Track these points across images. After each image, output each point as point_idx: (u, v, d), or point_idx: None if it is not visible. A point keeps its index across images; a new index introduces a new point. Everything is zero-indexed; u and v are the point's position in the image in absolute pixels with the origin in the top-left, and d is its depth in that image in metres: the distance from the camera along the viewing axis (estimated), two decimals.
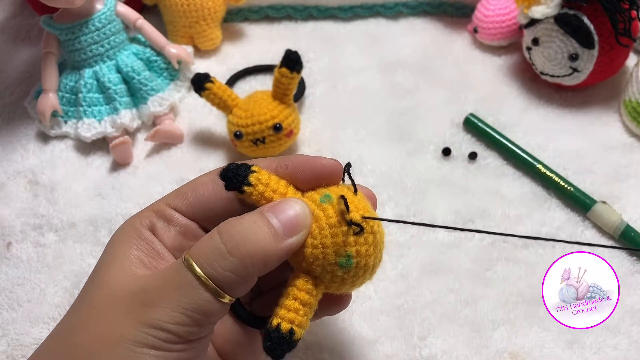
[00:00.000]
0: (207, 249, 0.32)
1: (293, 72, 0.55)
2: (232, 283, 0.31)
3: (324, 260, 0.33)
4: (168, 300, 0.31)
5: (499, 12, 0.65)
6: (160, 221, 0.36)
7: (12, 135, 0.64)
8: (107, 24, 0.60)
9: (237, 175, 0.34)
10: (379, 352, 0.47)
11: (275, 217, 0.33)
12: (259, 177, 0.34)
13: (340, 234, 0.32)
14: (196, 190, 0.36)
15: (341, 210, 0.33)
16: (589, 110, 0.62)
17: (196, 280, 0.31)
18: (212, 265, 0.31)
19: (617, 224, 0.51)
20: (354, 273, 0.33)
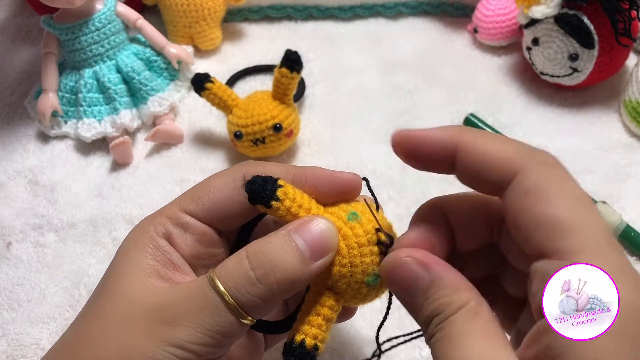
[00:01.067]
0: (236, 274, 0.31)
1: (293, 72, 0.55)
2: (258, 307, 0.31)
3: (351, 278, 0.33)
4: (192, 320, 0.31)
5: (499, 12, 0.65)
6: (176, 228, 0.35)
7: (12, 135, 0.64)
8: (107, 24, 0.60)
9: (265, 189, 0.33)
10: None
11: (302, 239, 0.32)
12: (286, 191, 0.33)
13: (369, 254, 0.32)
14: (212, 194, 0.35)
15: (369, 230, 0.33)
16: (589, 110, 0.62)
17: (222, 303, 0.31)
18: (240, 290, 0.31)
19: (617, 224, 0.51)
20: (376, 291, 0.34)
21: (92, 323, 0.33)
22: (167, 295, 0.32)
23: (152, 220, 0.35)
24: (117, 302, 0.32)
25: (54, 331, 0.50)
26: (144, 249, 0.34)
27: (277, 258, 0.31)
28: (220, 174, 0.36)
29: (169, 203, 0.37)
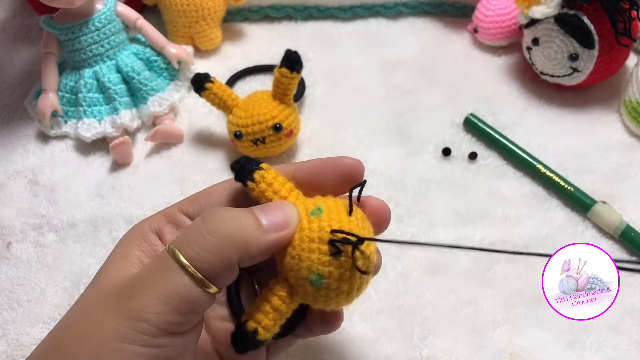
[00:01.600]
0: (188, 231, 0.32)
1: (293, 72, 0.55)
2: (213, 267, 0.31)
3: (297, 272, 0.32)
4: (148, 288, 0.30)
5: (499, 12, 0.65)
6: (169, 226, 0.35)
7: (12, 135, 0.64)
8: (107, 24, 0.60)
9: (244, 169, 0.34)
10: (379, 352, 0.47)
11: (263, 214, 0.32)
12: (264, 175, 0.34)
13: (316, 251, 0.32)
14: (209, 196, 0.36)
15: (324, 228, 0.32)
16: (589, 110, 0.62)
17: (176, 264, 0.30)
18: (190, 245, 0.31)
19: (617, 224, 0.51)
20: (325, 293, 0.32)
21: (71, 312, 0.33)
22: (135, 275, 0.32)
23: (149, 218, 0.36)
24: (95, 290, 0.33)
25: None
26: (132, 242, 0.35)
27: (232, 217, 0.32)
28: (223, 181, 0.37)
29: (172, 204, 0.37)
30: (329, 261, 0.31)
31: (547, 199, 0.55)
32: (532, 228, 0.53)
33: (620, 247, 0.51)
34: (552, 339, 0.47)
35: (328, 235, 0.31)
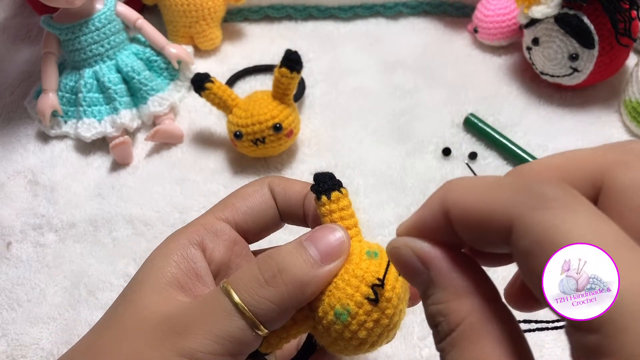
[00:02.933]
0: (245, 277, 0.31)
1: (293, 72, 0.55)
2: (269, 312, 0.31)
3: (327, 298, 0.32)
4: (202, 328, 0.30)
5: (499, 12, 0.65)
6: (209, 235, 0.34)
7: (12, 135, 0.64)
8: (107, 23, 0.60)
9: (327, 182, 0.34)
10: (379, 352, 0.47)
11: (313, 245, 0.31)
12: (341, 198, 0.34)
13: (355, 288, 0.31)
14: (245, 199, 0.36)
15: (373, 273, 0.31)
16: (589, 110, 0.62)
17: (233, 307, 0.30)
18: (249, 292, 0.30)
19: None
20: (340, 331, 0.31)
21: (106, 332, 0.32)
22: (183, 307, 0.32)
23: (185, 229, 0.35)
24: (132, 311, 0.32)
25: (54, 331, 0.50)
26: (170, 257, 0.33)
27: (285, 261, 0.31)
28: (251, 184, 0.37)
29: (204, 213, 0.36)
30: (362, 303, 0.31)
31: None
32: None
33: None
34: (552, 339, 0.47)
35: (373, 279, 0.31)
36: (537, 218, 0.21)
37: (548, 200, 0.21)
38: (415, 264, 0.25)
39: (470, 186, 0.24)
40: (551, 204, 0.21)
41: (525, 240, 0.21)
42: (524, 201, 0.22)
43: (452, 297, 0.24)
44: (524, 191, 0.22)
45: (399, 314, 0.32)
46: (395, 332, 0.33)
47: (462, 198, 0.24)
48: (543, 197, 0.22)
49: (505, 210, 0.22)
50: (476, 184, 0.24)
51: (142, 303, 0.32)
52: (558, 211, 0.21)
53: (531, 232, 0.21)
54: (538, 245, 0.21)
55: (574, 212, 0.21)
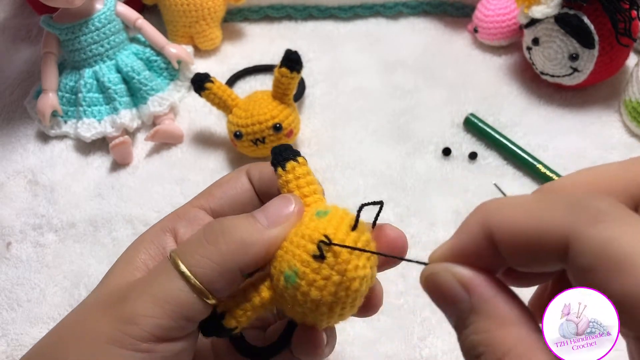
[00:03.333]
0: (190, 240, 0.32)
1: (293, 72, 0.55)
2: (210, 272, 0.30)
3: (278, 264, 0.31)
4: (144, 292, 0.30)
5: (499, 12, 0.65)
6: (182, 222, 0.35)
7: (12, 135, 0.64)
8: (107, 23, 0.60)
9: (281, 155, 0.34)
10: (379, 352, 0.47)
11: (261, 213, 0.32)
12: (296, 167, 0.33)
13: (302, 248, 0.30)
14: (221, 186, 0.36)
15: (320, 230, 0.30)
16: (589, 110, 0.62)
17: (174, 271, 0.30)
18: (191, 253, 0.30)
19: None
20: (293, 294, 0.30)
21: (69, 314, 0.33)
22: (134, 280, 0.32)
23: (161, 220, 0.36)
24: (95, 293, 0.33)
25: None
26: (141, 244, 0.34)
27: (230, 224, 0.31)
28: (228, 173, 0.38)
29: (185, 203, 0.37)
30: (308, 261, 0.30)
31: None
32: None
33: None
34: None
35: (319, 236, 0.30)
36: (595, 234, 0.21)
37: (602, 214, 0.21)
38: (457, 289, 0.24)
39: (514, 206, 0.24)
40: (605, 217, 0.21)
41: (585, 257, 0.21)
42: (579, 217, 0.22)
43: (496, 326, 0.23)
44: (576, 207, 0.22)
45: (354, 270, 0.30)
46: (358, 296, 0.31)
47: (509, 219, 0.23)
48: (597, 212, 0.21)
49: (560, 228, 0.22)
50: (519, 204, 0.24)
51: (106, 285, 0.33)
52: (614, 225, 0.21)
53: (590, 248, 0.21)
54: (599, 261, 0.21)
55: (629, 225, 0.21)
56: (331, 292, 0.30)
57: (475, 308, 0.24)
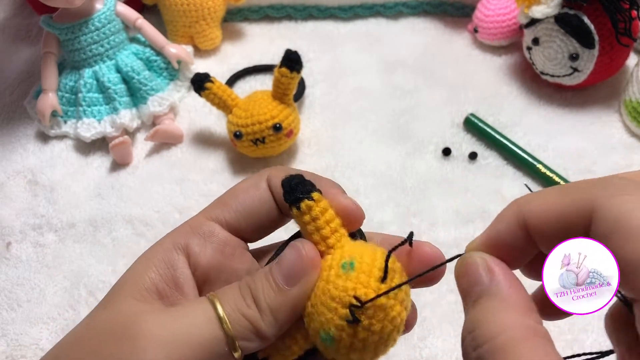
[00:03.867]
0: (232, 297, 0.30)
1: (293, 72, 0.55)
2: (245, 332, 0.30)
3: (311, 322, 0.30)
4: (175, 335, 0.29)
5: (499, 12, 0.65)
6: (196, 238, 0.33)
7: (12, 135, 0.64)
8: (107, 23, 0.60)
9: (293, 193, 0.31)
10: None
11: (278, 268, 0.30)
12: (312, 206, 0.31)
13: (334, 311, 0.29)
14: (237, 197, 0.34)
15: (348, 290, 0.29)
16: (589, 110, 0.62)
17: (215, 317, 0.29)
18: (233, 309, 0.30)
19: None
20: (338, 352, 0.30)
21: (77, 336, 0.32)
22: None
23: (173, 232, 0.34)
24: (105, 315, 0.31)
25: (54, 331, 0.50)
26: (151, 261, 0.32)
27: (257, 289, 0.30)
28: (246, 179, 0.35)
29: (197, 214, 0.35)
30: (343, 326, 0.29)
31: None
32: None
33: None
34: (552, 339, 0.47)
35: (350, 299, 0.28)
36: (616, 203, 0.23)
37: (624, 188, 0.23)
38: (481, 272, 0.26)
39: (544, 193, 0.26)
40: (626, 191, 0.23)
41: (605, 224, 0.23)
42: (604, 189, 0.24)
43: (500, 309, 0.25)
44: (601, 182, 0.24)
45: (390, 324, 0.29)
46: (395, 335, 0.30)
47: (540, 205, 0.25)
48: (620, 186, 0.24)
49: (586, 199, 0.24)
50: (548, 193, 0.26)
51: (116, 305, 0.31)
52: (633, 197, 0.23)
53: (611, 216, 0.23)
54: (616, 228, 0.23)
55: None
56: (372, 349, 0.30)
57: (489, 290, 0.25)
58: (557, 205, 0.25)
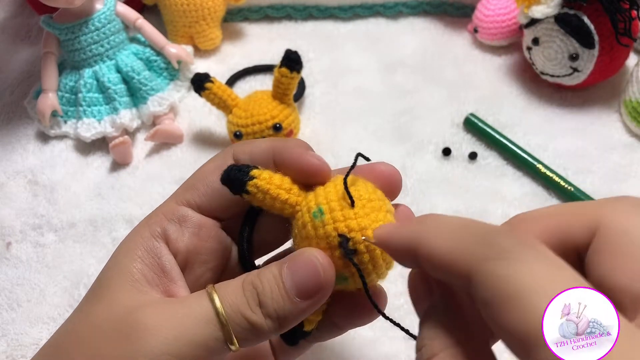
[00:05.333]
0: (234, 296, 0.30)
1: (293, 72, 0.55)
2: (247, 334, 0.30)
3: None
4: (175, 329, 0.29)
5: (499, 12, 0.65)
6: (172, 224, 0.33)
7: (12, 135, 0.64)
8: (107, 23, 0.60)
9: (235, 183, 0.32)
10: (379, 352, 0.47)
11: (290, 276, 0.30)
12: (258, 184, 0.32)
13: (333, 258, 0.31)
14: (206, 178, 0.34)
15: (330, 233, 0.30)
16: (589, 110, 0.62)
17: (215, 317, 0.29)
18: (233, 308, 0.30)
19: None
20: (355, 284, 0.32)
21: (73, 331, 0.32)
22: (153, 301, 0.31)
23: (147, 221, 0.34)
24: (101, 308, 0.31)
25: (54, 331, 0.50)
26: (134, 252, 0.33)
27: (265, 292, 0.30)
28: (212, 159, 0.35)
29: (167, 199, 0.35)
30: (345, 263, 0.31)
31: (547, 199, 0.55)
32: None
33: None
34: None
35: (337, 240, 0.30)
36: (491, 269, 0.22)
37: (502, 251, 0.22)
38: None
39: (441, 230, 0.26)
40: (505, 254, 0.22)
41: (482, 291, 0.22)
42: (481, 252, 0.23)
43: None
44: (481, 242, 0.23)
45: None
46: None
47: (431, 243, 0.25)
48: (498, 248, 0.22)
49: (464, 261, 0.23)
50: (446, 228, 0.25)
51: (112, 298, 0.31)
52: (511, 262, 0.22)
53: (486, 283, 0.22)
54: (493, 296, 0.22)
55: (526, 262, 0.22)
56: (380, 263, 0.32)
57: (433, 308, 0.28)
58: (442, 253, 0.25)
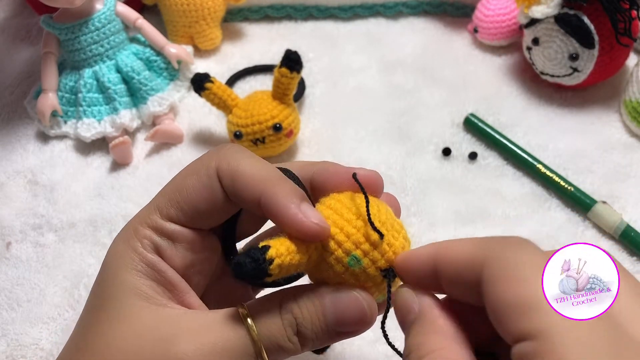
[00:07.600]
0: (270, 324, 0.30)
1: (293, 72, 0.55)
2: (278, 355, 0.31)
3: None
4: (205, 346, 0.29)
5: (499, 12, 0.65)
6: (163, 241, 0.33)
7: (12, 135, 0.64)
8: (107, 23, 0.60)
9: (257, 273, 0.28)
10: (379, 352, 0.47)
11: (334, 312, 0.31)
12: (278, 262, 0.29)
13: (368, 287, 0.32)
14: (188, 197, 0.33)
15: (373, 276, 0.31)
16: (589, 110, 0.62)
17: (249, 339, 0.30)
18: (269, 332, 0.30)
19: (617, 224, 0.51)
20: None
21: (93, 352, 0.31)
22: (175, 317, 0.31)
23: (135, 234, 0.33)
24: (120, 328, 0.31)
25: (54, 331, 0.50)
26: (135, 269, 0.32)
27: (305, 322, 0.30)
28: (192, 170, 0.34)
29: (145, 208, 0.34)
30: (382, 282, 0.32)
31: (547, 199, 0.55)
32: (532, 228, 0.53)
33: (621, 247, 0.51)
34: None
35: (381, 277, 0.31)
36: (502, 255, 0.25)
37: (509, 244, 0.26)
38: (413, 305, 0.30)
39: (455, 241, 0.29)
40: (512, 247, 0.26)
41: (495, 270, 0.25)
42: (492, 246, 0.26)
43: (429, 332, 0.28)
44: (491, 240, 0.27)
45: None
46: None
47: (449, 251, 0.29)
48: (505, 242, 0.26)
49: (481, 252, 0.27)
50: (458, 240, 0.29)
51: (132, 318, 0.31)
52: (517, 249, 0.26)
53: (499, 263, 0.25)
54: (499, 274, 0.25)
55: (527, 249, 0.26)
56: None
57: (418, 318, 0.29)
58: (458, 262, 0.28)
